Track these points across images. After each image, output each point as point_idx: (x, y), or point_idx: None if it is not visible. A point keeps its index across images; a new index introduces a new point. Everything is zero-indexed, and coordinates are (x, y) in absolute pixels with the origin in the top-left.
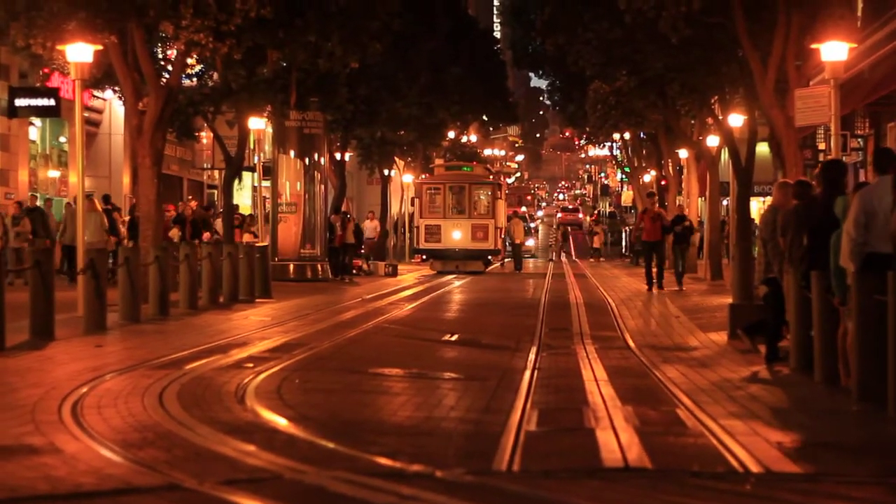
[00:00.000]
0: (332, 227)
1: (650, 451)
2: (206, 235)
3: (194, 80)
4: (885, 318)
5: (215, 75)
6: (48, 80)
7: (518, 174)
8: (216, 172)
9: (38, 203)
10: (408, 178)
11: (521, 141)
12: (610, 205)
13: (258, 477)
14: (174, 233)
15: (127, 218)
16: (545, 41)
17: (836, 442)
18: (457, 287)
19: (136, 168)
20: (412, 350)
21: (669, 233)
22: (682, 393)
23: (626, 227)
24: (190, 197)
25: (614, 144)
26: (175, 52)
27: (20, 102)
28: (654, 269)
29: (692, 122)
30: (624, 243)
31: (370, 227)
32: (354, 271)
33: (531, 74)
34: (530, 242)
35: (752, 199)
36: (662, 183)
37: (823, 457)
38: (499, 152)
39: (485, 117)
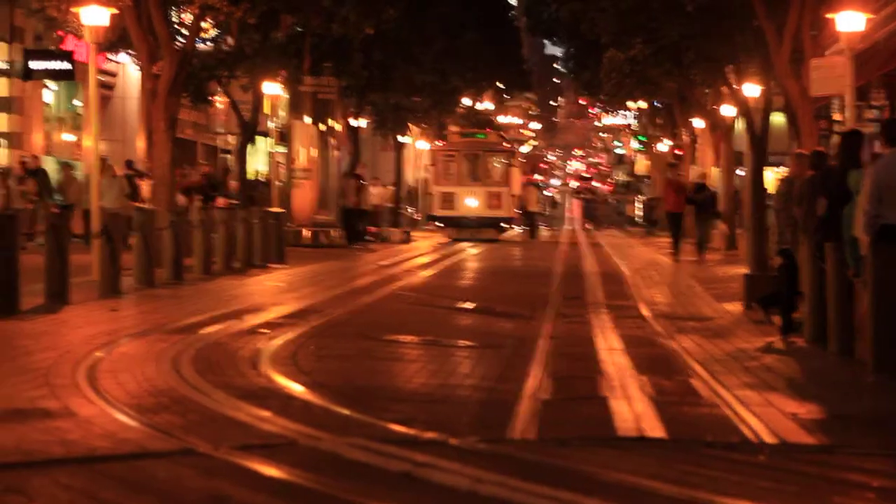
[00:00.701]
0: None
1: (664, 420)
2: (221, 201)
3: (209, 44)
4: None
5: (230, 39)
6: (63, 43)
7: (533, 142)
8: (230, 137)
9: (52, 164)
10: (422, 144)
11: (535, 108)
12: (625, 174)
13: (273, 442)
14: (180, 199)
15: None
16: (560, 8)
17: (851, 413)
18: (471, 255)
19: (151, 132)
20: (427, 317)
21: (692, 203)
22: (697, 363)
23: (641, 196)
24: (202, 161)
25: (629, 113)
26: (190, 15)
27: (35, 65)
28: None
29: (707, 91)
30: (638, 212)
31: (376, 194)
32: (368, 238)
33: (546, 42)
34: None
35: (766, 169)
36: (677, 152)
37: (838, 428)
38: (513, 120)
39: (499, 84)
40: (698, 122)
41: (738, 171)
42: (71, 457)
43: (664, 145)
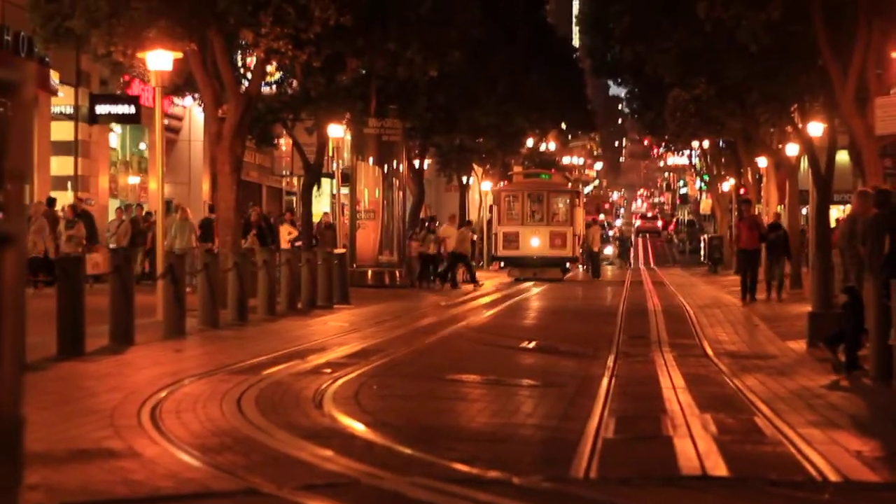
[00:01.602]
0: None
1: (728, 458)
2: (284, 240)
3: (274, 87)
4: None
5: (294, 83)
6: (128, 88)
7: (596, 182)
8: (295, 179)
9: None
10: (486, 185)
11: (599, 149)
12: (689, 213)
13: (336, 482)
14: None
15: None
16: (624, 49)
17: None
18: (534, 294)
19: (216, 175)
20: (490, 357)
21: (765, 241)
22: (761, 401)
23: (705, 235)
24: (251, 203)
25: (693, 152)
26: (255, 59)
27: (101, 109)
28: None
29: (771, 130)
30: (702, 251)
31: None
32: (433, 280)
33: (610, 83)
34: (608, 251)
35: (831, 207)
36: (742, 191)
37: None
38: (577, 160)
39: (563, 125)
40: (762, 161)
41: (802, 210)
42: (135, 497)
43: (728, 184)
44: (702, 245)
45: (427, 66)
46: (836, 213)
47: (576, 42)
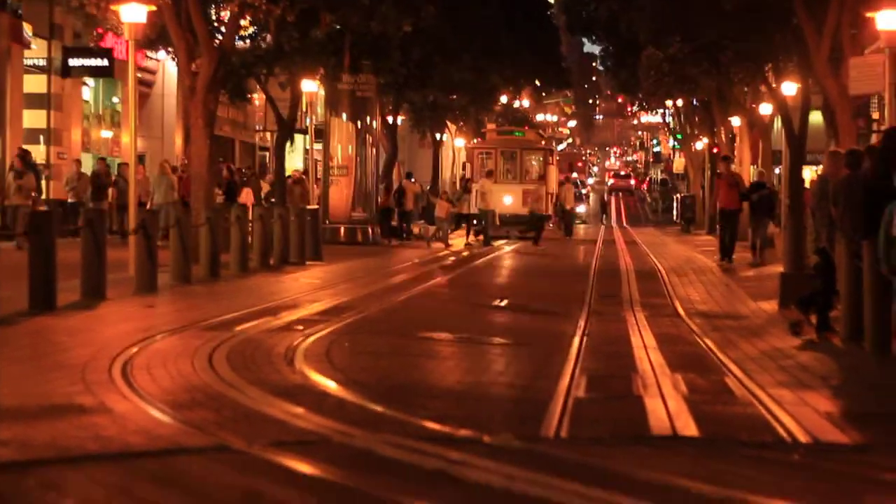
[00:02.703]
0: (403, 191)
1: (698, 419)
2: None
3: (247, 41)
4: None
5: (268, 37)
6: (102, 41)
7: (570, 140)
8: (268, 134)
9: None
10: (459, 142)
11: (573, 107)
12: (662, 172)
13: (307, 439)
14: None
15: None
16: (599, 6)
17: (886, 413)
18: (507, 252)
19: (189, 129)
20: (462, 315)
21: (746, 200)
22: (731, 361)
23: (678, 195)
24: (221, 159)
25: (667, 111)
26: (228, 13)
27: (74, 62)
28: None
29: (745, 89)
30: (675, 210)
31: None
32: (404, 235)
33: (584, 40)
34: (581, 209)
35: (804, 167)
36: (715, 150)
37: (873, 427)
38: (551, 118)
39: (537, 82)
40: (736, 121)
41: (775, 170)
42: (106, 453)
43: (701, 143)
44: (675, 204)
45: (401, 20)
46: (809, 173)
47: None
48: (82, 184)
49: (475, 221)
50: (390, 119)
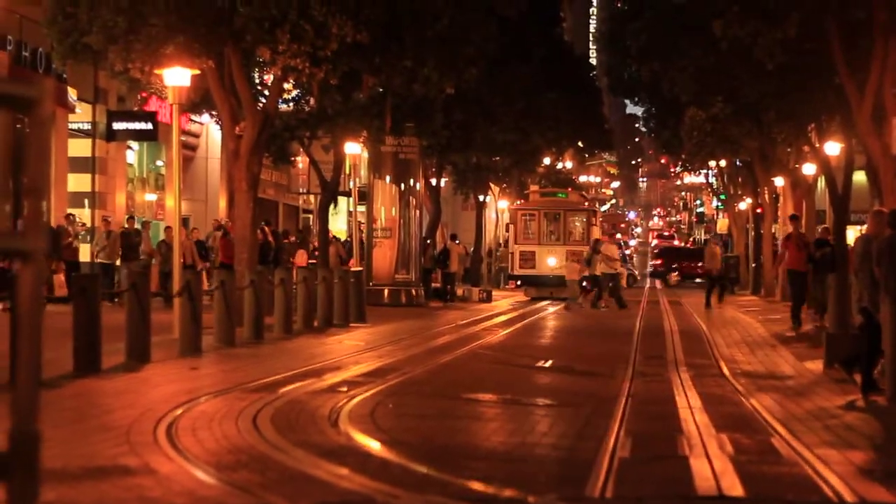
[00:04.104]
0: (447, 252)
1: (744, 479)
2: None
3: (290, 104)
4: None
5: (311, 100)
6: (146, 104)
7: (613, 201)
8: (312, 197)
9: (136, 225)
10: (503, 203)
11: (616, 168)
12: (706, 232)
13: (351, 500)
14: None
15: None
16: (641, 68)
17: None
18: (550, 313)
19: (233, 192)
20: (506, 376)
21: (812, 262)
22: (777, 421)
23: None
24: (264, 222)
25: (710, 172)
26: (272, 76)
27: (118, 126)
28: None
29: (788, 149)
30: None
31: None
32: (448, 297)
33: (626, 101)
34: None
35: (848, 227)
36: (758, 211)
37: None
38: (594, 179)
39: (580, 143)
40: (779, 181)
41: (819, 230)
42: None
43: (745, 203)
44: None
45: (443, 83)
46: (854, 233)
47: (593, 60)
48: (111, 244)
49: (610, 284)
50: (433, 181)
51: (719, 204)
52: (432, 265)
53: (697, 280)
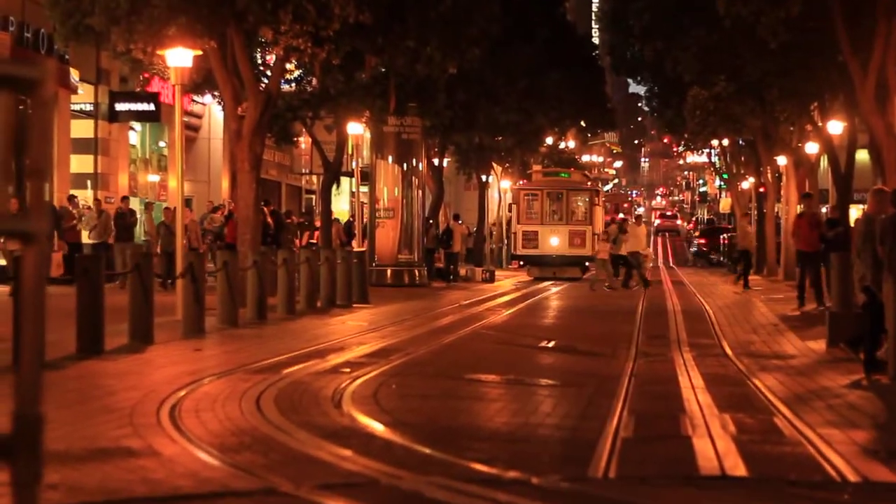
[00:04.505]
0: (450, 232)
1: (747, 459)
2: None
3: (293, 85)
4: None
5: (314, 80)
6: (148, 85)
7: (616, 181)
8: (314, 177)
9: (140, 206)
10: (505, 183)
11: (618, 147)
12: (708, 212)
13: (354, 482)
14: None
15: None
16: (643, 47)
17: None
18: (553, 293)
19: (236, 172)
20: (509, 356)
21: (825, 242)
22: (780, 401)
23: (725, 234)
24: (265, 202)
25: (712, 151)
26: (274, 57)
27: (120, 107)
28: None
29: (791, 128)
30: (722, 250)
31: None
32: (451, 277)
33: (629, 80)
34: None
35: (851, 206)
36: (761, 190)
37: None
38: (597, 158)
39: (583, 123)
40: (782, 160)
41: (822, 209)
42: (154, 496)
43: (747, 183)
44: (721, 244)
45: (446, 63)
46: (856, 212)
47: (595, 40)
48: (102, 224)
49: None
50: (436, 161)
51: (722, 183)
52: (435, 245)
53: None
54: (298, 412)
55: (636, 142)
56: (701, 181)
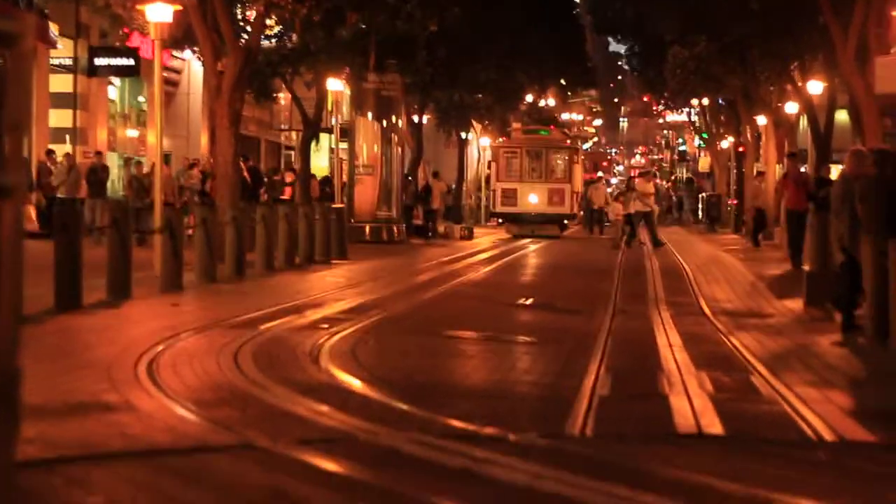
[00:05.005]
0: (429, 189)
1: (723, 417)
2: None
3: (273, 41)
4: None
5: (294, 36)
6: (128, 40)
7: (595, 139)
8: (294, 134)
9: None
10: (485, 141)
11: (598, 106)
12: (687, 171)
13: (332, 437)
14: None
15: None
16: (625, 6)
17: None
18: (532, 251)
19: (215, 128)
20: (487, 313)
21: (812, 200)
22: (757, 360)
23: (703, 193)
24: (243, 157)
25: (692, 110)
26: (254, 12)
27: (100, 62)
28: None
29: (771, 88)
30: (700, 209)
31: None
32: (430, 234)
33: (610, 39)
34: None
35: (831, 166)
36: (740, 149)
37: None
38: (576, 117)
39: (563, 81)
40: (762, 119)
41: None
42: (132, 450)
43: (727, 142)
44: (700, 203)
45: (426, 20)
46: (836, 172)
47: None
48: (73, 178)
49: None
50: (416, 118)
51: (701, 143)
52: (413, 202)
53: None
54: (276, 368)
55: (616, 100)
56: (680, 140)
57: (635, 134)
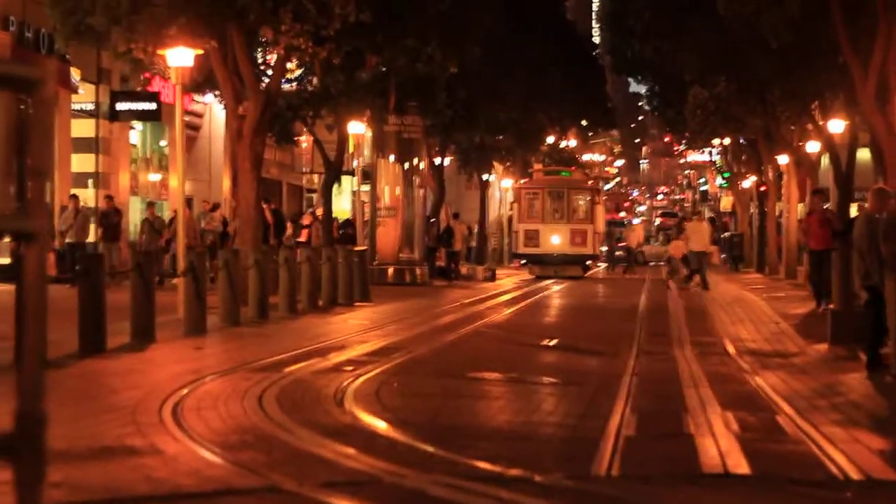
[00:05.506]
0: (451, 231)
1: (750, 457)
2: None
3: (294, 84)
4: None
5: (315, 80)
6: (149, 85)
7: (617, 179)
8: (315, 176)
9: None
10: (506, 182)
11: (619, 146)
12: (709, 210)
13: (357, 480)
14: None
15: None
16: (644, 46)
17: None
18: (555, 292)
19: (236, 171)
20: (511, 354)
21: (838, 239)
22: (782, 399)
23: (725, 233)
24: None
25: (714, 150)
26: (275, 56)
27: (121, 106)
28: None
29: (792, 127)
30: (723, 249)
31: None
32: (452, 275)
33: (630, 80)
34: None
35: (853, 205)
36: (762, 188)
37: None
38: (597, 157)
39: (583, 122)
40: (783, 158)
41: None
42: (157, 494)
43: (749, 181)
44: (722, 243)
45: (447, 62)
46: (857, 210)
47: (596, 39)
48: (79, 223)
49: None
50: (437, 160)
51: (723, 182)
52: (436, 244)
53: None
54: (301, 410)
55: (636, 140)
56: (702, 180)
57: (656, 174)
